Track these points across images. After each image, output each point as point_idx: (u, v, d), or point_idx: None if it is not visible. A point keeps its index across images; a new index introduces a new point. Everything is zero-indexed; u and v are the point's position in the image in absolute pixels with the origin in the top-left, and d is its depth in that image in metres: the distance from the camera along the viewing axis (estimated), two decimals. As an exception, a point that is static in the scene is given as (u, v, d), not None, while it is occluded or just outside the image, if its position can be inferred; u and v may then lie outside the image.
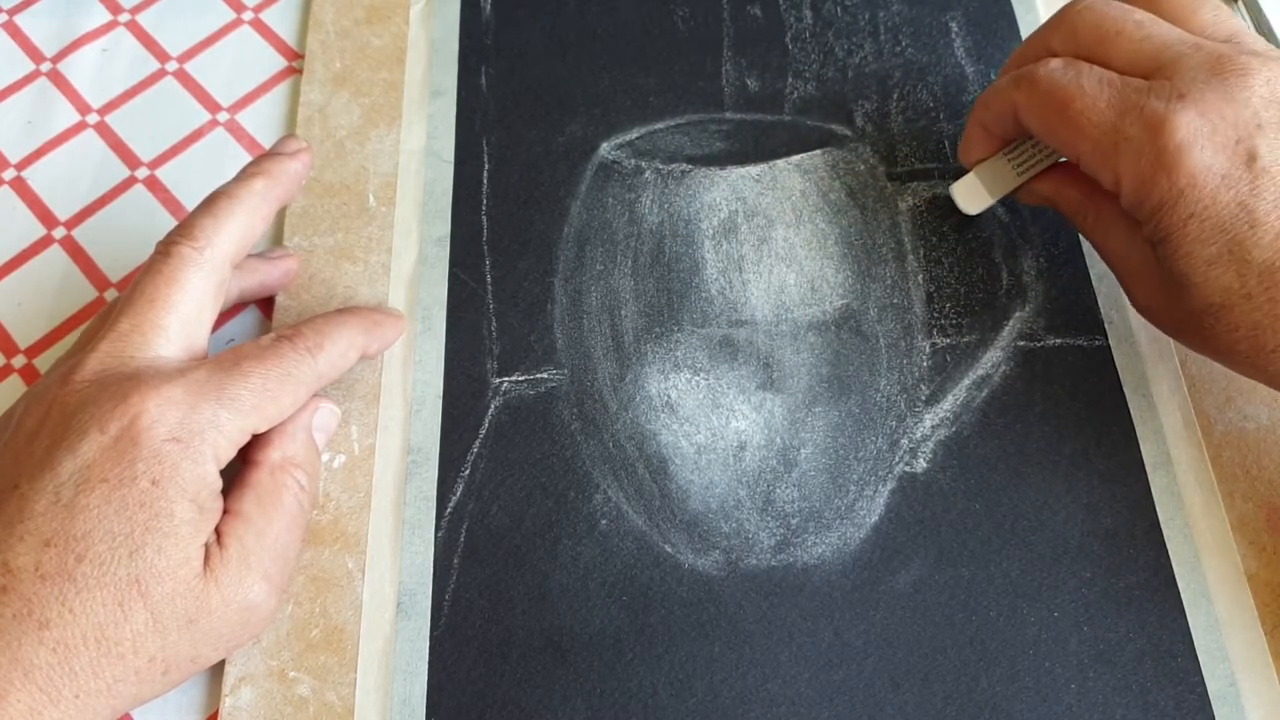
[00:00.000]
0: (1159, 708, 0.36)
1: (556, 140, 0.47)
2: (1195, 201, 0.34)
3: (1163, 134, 0.34)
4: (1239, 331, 0.34)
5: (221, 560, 0.33)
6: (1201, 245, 0.34)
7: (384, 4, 0.51)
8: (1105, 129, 0.35)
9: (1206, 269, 0.34)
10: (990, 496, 0.39)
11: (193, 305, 0.36)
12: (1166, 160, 0.34)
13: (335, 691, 0.37)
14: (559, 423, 0.41)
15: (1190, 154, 0.33)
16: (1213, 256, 0.34)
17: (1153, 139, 0.34)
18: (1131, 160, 0.35)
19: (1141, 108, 0.34)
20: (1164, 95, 0.34)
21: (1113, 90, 0.35)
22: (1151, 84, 0.35)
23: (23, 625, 0.30)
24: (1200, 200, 0.34)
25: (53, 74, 0.50)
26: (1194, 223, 0.34)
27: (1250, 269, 0.33)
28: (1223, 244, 0.34)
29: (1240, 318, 0.34)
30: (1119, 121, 0.35)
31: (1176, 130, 0.34)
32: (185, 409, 0.33)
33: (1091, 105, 0.35)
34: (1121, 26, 0.36)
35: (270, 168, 0.39)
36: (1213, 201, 0.33)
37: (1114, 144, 0.35)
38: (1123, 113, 0.35)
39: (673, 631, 0.37)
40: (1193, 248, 0.34)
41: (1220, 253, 0.34)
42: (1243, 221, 0.33)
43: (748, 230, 0.44)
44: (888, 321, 0.42)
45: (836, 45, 0.49)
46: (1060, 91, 0.36)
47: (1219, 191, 0.33)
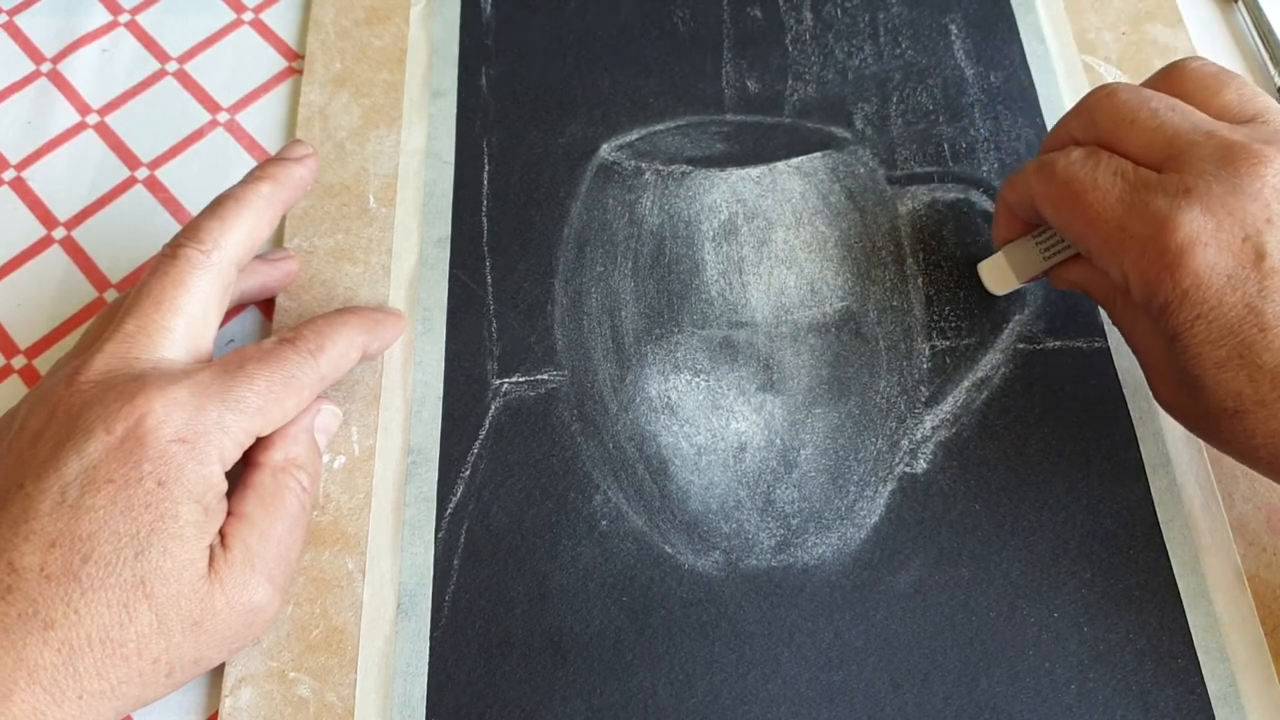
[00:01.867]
0: (1159, 708, 0.36)
1: (557, 141, 0.47)
2: (1200, 303, 0.32)
3: (1165, 233, 0.32)
4: (1257, 438, 0.33)
5: (225, 562, 0.33)
6: (1210, 347, 0.32)
7: (384, 4, 0.51)
8: (1114, 225, 0.34)
9: (1217, 372, 0.33)
10: (990, 497, 0.39)
11: (198, 308, 0.36)
12: (1169, 260, 0.32)
13: (335, 692, 0.37)
14: (559, 424, 0.41)
15: (1193, 254, 0.32)
16: (1222, 359, 0.32)
17: (1156, 237, 0.33)
18: (1137, 259, 0.33)
19: (1147, 204, 0.33)
20: (1170, 191, 0.33)
21: (1124, 184, 0.34)
22: (1160, 178, 0.33)
23: (28, 625, 0.30)
24: (1205, 301, 0.32)
25: (53, 74, 0.50)
26: (1201, 324, 0.32)
27: (1262, 374, 0.32)
28: (1231, 347, 0.32)
29: (1256, 424, 0.33)
30: (1126, 218, 0.34)
31: (1179, 229, 0.32)
32: (191, 410, 0.33)
33: (1102, 200, 0.34)
34: (1136, 115, 0.35)
35: (276, 172, 0.39)
36: (1219, 303, 0.32)
37: (1121, 242, 0.34)
38: (1130, 209, 0.34)
39: (673, 632, 0.38)
40: (1201, 349, 0.33)
41: (1230, 356, 0.32)
42: (1251, 324, 0.32)
43: (748, 232, 0.44)
44: (887, 324, 0.43)
45: (836, 47, 0.49)
46: (1074, 184, 0.35)
47: (1225, 292, 0.32)
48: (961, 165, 0.46)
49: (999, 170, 0.46)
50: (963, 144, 0.46)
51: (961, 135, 0.47)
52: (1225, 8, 0.51)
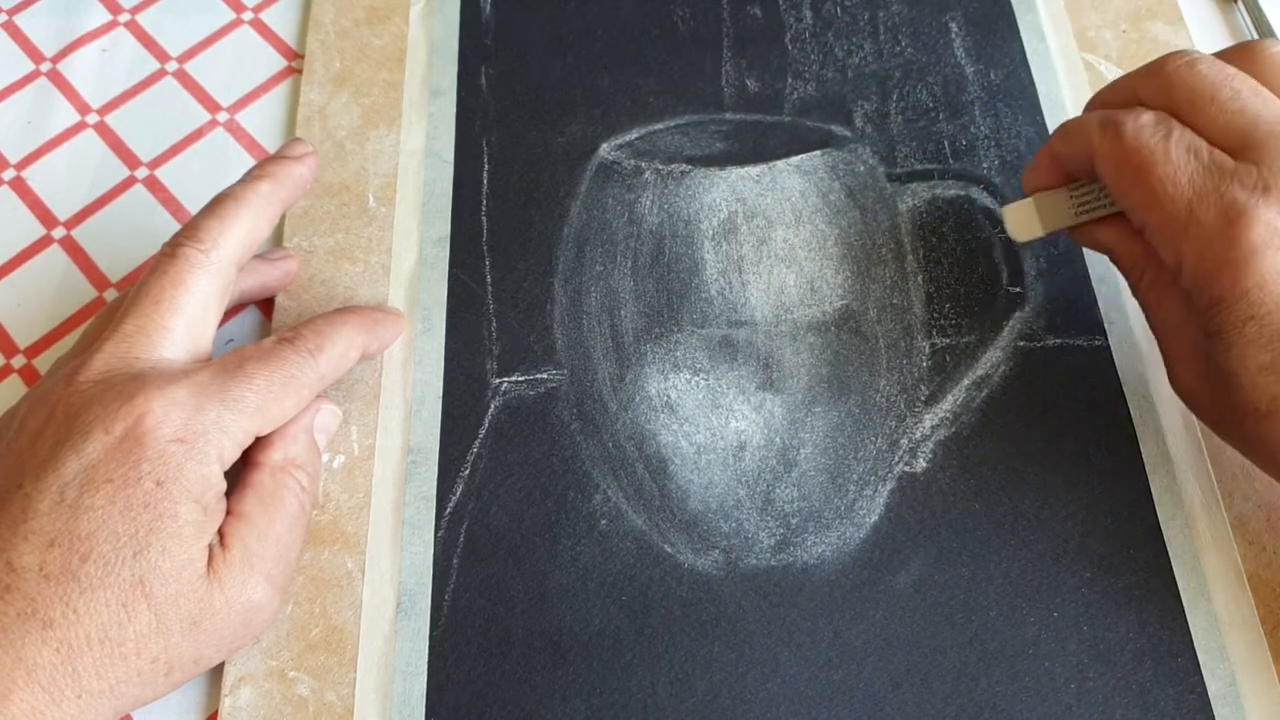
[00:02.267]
0: (1159, 708, 0.36)
1: (556, 140, 0.47)
2: (1258, 305, 0.32)
3: (1237, 228, 0.32)
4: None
5: (224, 561, 0.33)
6: (1256, 350, 0.32)
7: (384, 4, 0.51)
8: (1180, 205, 0.33)
9: (1257, 374, 0.32)
10: (990, 496, 0.39)
11: (198, 307, 0.36)
12: (1236, 257, 0.32)
13: (335, 691, 0.37)
14: (559, 423, 0.41)
15: (1263, 256, 0.32)
16: (1266, 364, 0.32)
17: (1226, 231, 0.32)
18: (1199, 247, 0.33)
19: (1222, 193, 0.32)
20: (1248, 184, 0.32)
21: (1197, 164, 0.33)
22: (1238, 166, 0.33)
23: (26, 625, 0.30)
24: (1264, 305, 0.32)
25: (53, 74, 0.50)
26: (1253, 326, 0.32)
27: None
28: (1278, 353, 0.32)
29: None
30: (1195, 202, 0.33)
31: (1253, 227, 0.32)
32: (190, 410, 0.33)
33: (1172, 176, 0.33)
34: (1216, 92, 0.34)
35: (276, 171, 0.39)
36: (1277, 308, 0.32)
37: (1184, 225, 0.33)
38: (1202, 193, 0.33)
39: (673, 631, 0.37)
40: (1246, 350, 0.32)
41: (1275, 360, 0.32)
42: None
43: (747, 231, 0.44)
44: (887, 322, 0.43)
45: (836, 46, 0.49)
46: (1144, 152, 0.34)
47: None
48: (962, 163, 0.46)
49: (999, 168, 0.46)
50: (963, 141, 0.46)
51: (962, 133, 0.47)
52: (1225, 7, 0.51)
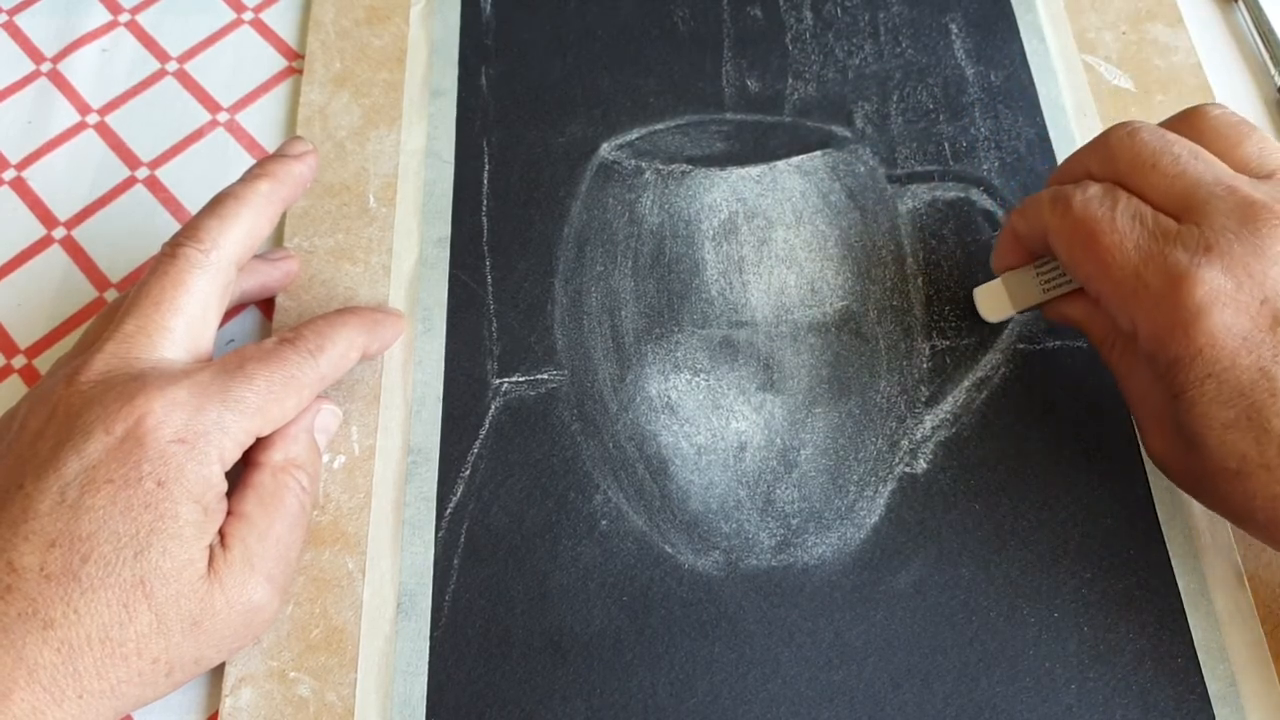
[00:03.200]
0: (1159, 708, 0.36)
1: (556, 140, 0.47)
2: (1213, 362, 0.32)
3: (1182, 289, 0.32)
4: (1256, 500, 0.32)
5: (225, 562, 0.33)
6: (1219, 407, 0.32)
7: (384, 4, 0.51)
8: (1128, 272, 0.33)
9: (1223, 432, 0.32)
10: (990, 497, 0.39)
11: (198, 307, 0.36)
12: (1184, 318, 0.32)
13: (335, 692, 0.37)
14: (559, 423, 0.41)
15: (1210, 314, 0.32)
16: (1230, 420, 0.32)
17: (1172, 292, 0.32)
18: (1149, 310, 0.33)
19: (1165, 256, 0.33)
20: (1190, 245, 0.32)
21: (1143, 230, 0.34)
22: (1180, 229, 0.33)
23: (27, 625, 0.30)
24: (1219, 362, 0.32)
25: (53, 74, 0.50)
26: (1211, 383, 0.32)
27: (1270, 438, 0.31)
28: (1241, 409, 0.32)
29: (1258, 487, 0.32)
30: (1142, 266, 0.33)
31: (1197, 287, 0.32)
32: (191, 410, 0.33)
33: (1119, 244, 0.34)
34: (1158, 160, 0.34)
35: (275, 170, 0.39)
36: (1232, 364, 0.32)
37: (1134, 290, 0.33)
38: (1147, 259, 0.33)
39: (673, 631, 0.38)
40: (1208, 408, 0.32)
41: (1238, 417, 0.32)
42: (1263, 389, 0.31)
43: (748, 231, 0.44)
44: (888, 323, 0.43)
45: (836, 46, 0.49)
46: (1090, 223, 0.35)
47: (1239, 354, 0.32)
48: (962, 164, 0.46)
49: (999, 169, 0.46)
50: (963, 143, 0.46)
51: (962, 134, 0.47)
52: (1225, 7, 0.51)
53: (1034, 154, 0.46)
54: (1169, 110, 0.47)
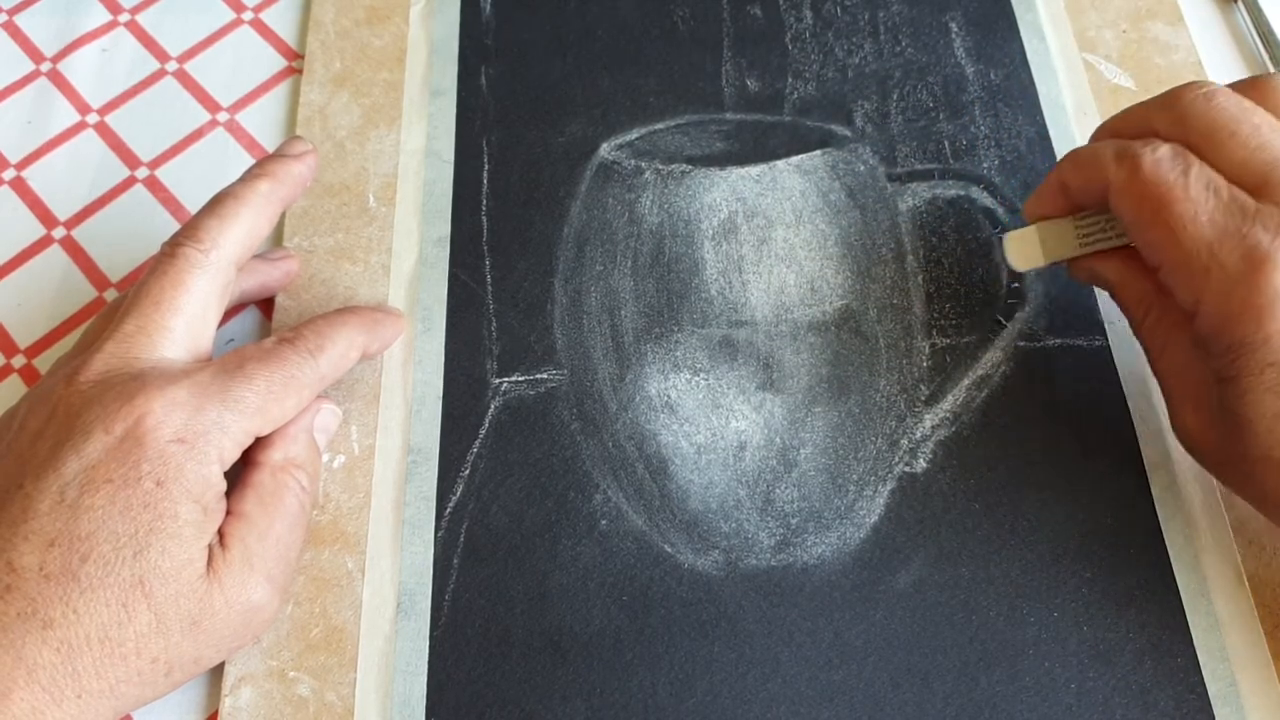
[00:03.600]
0: (1159, 708, 0.36)
1: (556, 140, 0.47)
2: (1279, 351, 0.31)
3: (1262, 274, 0.31)
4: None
5: (224, 561, 0.33)
6: (1274, 397, 0.31)
7: (384, 4, 0.51)
8: (1200, 245, 0.32)
9: (1273, 421, 0.32)
10: (990, 496, 0.39)
11: (198, 307, 0.36)
12: (1259, 302, 0.31)
13: (335, 691, 0.37)
14: (559, 423, 0.41)
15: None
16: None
17: (1249, 275, 0.31)
18: (1220, 290, 0.32)
19: (1244, 235, 0.32)
20: (1271, 227, 0.31)
21: (1218, 203, 0.32)
22: (1260, 208, 0.32)
23: (26, 625, 0.30)
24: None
25: (53, 74, 0.50)
26: (1272, 372, 0.31)
27: None
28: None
29: None
30: (1216, 243, 0.32)
31: (1276, 272, 0.31)
32: (190, 410, 0.33)
33: (1192, 215, 0.32)
34: (1237, 128, 0.33)
35: (275, 169, 0.39)
36: None
37: (1205, 266, 0.32)
38: (1223, 234, 0.32)
39: (673, 631, 0.37)
40: (1263, 397, 0.32)
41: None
42: None
43: (748, 231, 0.44)
44: (887, 322, 0.43)
45: (836, 45, 0.49)
46: (1162, 188, 0.33)
47: None
48: (962, 162, 0.46)
49: (999, 167, 0.46)
50: (963, 141, 0.46)
51: (962, 133, 0.47)
52: (1225, 7, 0.51)
53: (1034, 152, 0.46)
54: (1169, 109, 0.47)
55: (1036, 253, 0.39)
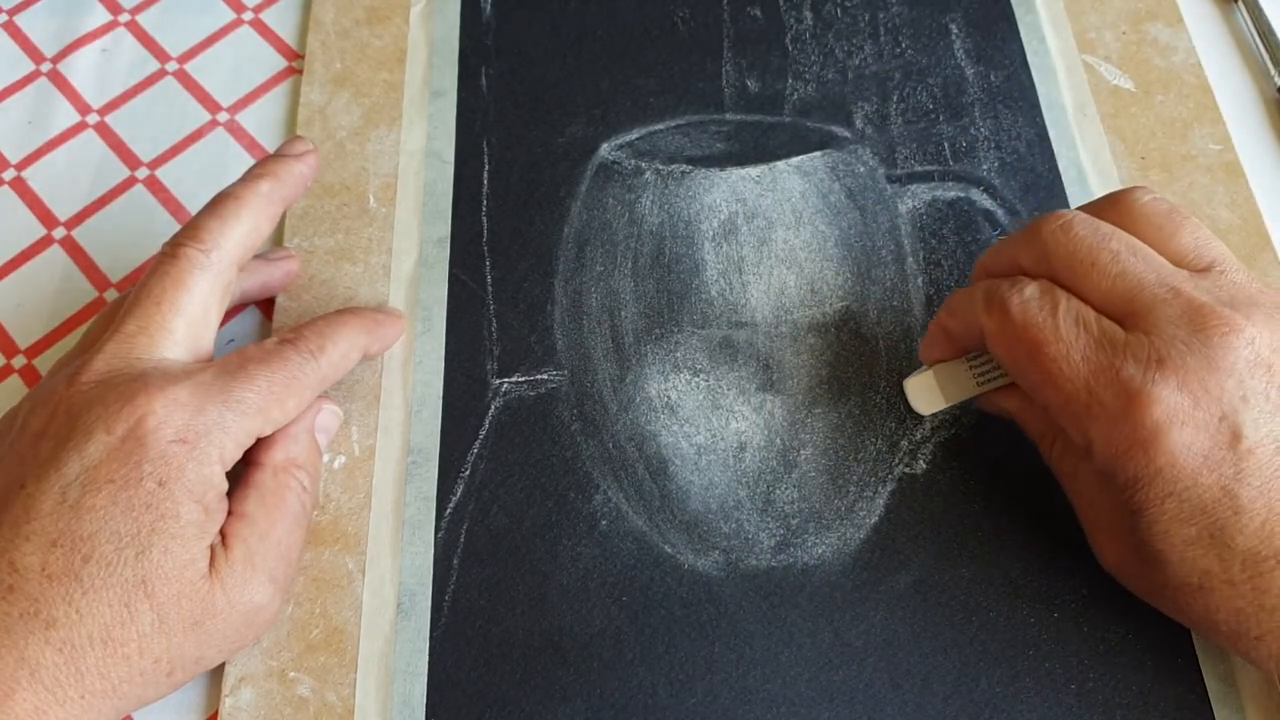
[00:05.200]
0: (1159, 708, 0.36)
1: (556, 141, 0.47)
2: (1174, 482, 0.31)
3: (1139, 408, 0.31)
4: (1219, 614, 0.32)
5: (226, 561, 0.33)
6: (1180, 525, 0.31)
7: (384, 4, 0.51)
8: (1079, 385, 0.32)
9: (1184, 548, 0.32)
10: (990, 497, 0.39)
11: (199, 307, 0.36)
12: (1142, 437, 0.31)
13: (335, 692, 0.37)
14: (559, 424, 0.41)
15: (1169, 434, 0.31)
16: (1192, 538, 0.31)
17: (1128, 411, 0.31)
18: (1105, 428, 0.32)
19: (1117, 371, 0.31)
20: (1141, 358, 0.31)
21: (1088, 339, 0.32)
22: (1128, 339, 0.32)
23: (29, 625, 0.30)
24: (1179, 481, 0.31)
25: (53, 74, 0.50)
26: (1172, 502, 0.31)
27: (1233, 555, 0.31)
28: (1203, 526, 0.31)
29: (1221, 601, 0.32)
30: (1092, 381, 0.32)
31: (1154, 405, 0.31)
32: (192, 411, 0.33)
33: (1065, 355, 0.32)
34: (1096, 257, 0.33)
35: (276, 169, 0.39)
36: (1193, 483, 0.31)
37: (1086, 405, 0.32)
38: (1097, 371, 0.32)
39: (673, 631, 0.38)
40: (1169, 526, 0.31)
41: (1200, 534, 0.31)
42: (1226, 506, 0.31)
43: (748, 232, 0.44)
44: (888, 323, 0.43)
45: (836, 47, 0.49)
46: (1033, 330, 0.33)
47: (1200, 473, 0.31)
48: (962, 164, 0.46)
49: (999, 169, 0.46)
50: (963, 143, 0.46)
51: (962, 134, 0.47)
52: (1225, 7, 0.51)
53: (1034, 154, 0.46)
54: (1170, 109, 0.47)
55: (936, 396, 0.39)
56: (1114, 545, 0.35)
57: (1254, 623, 0.32)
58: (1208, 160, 0.46)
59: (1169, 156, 0.46)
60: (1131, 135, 0.47)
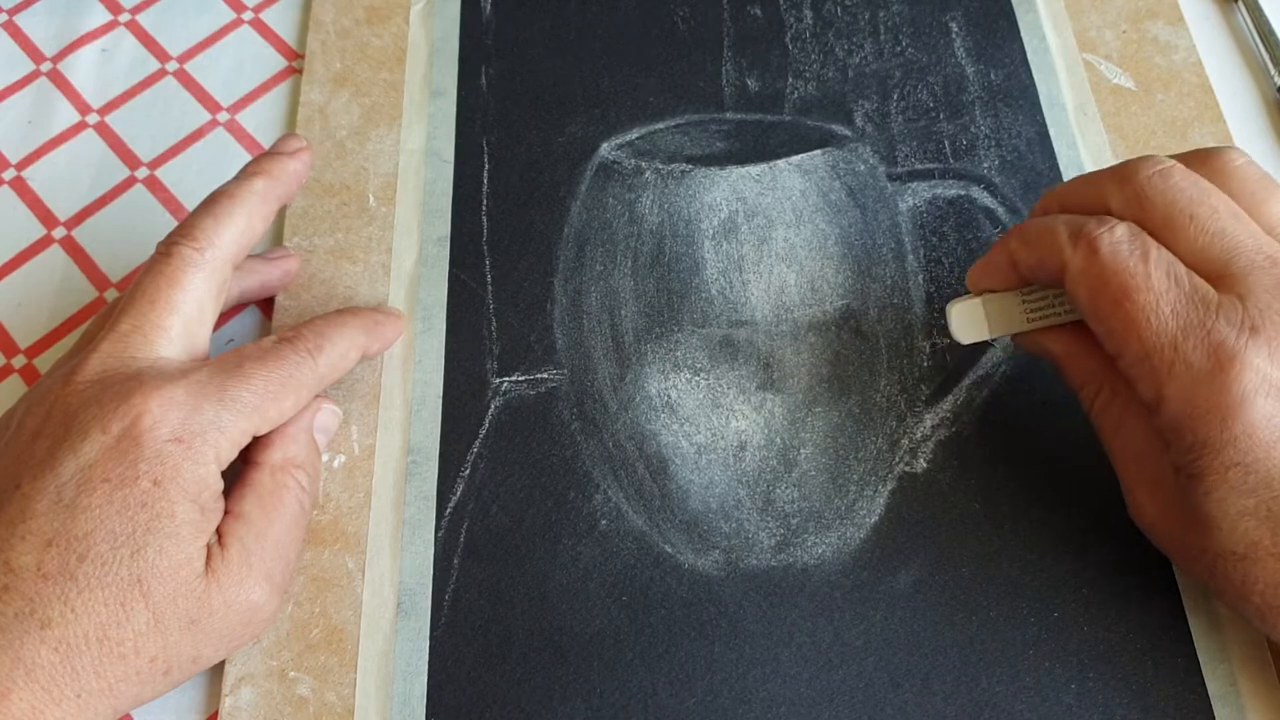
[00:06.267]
0: (1159, 708, 0.36)
1: (556, 140, 0.47)
2: (1246, 452, 0.30)
3: (1228, 373, 0.30)
4: (1256, 585, 0.32)
5: (223, 561, 0.33)
6: (1239, 495, 0.31)
7: (384, 4, 0.51)
8: (1163, 339, 0.31)
9: (1238, 518, 0.31)
10: (990, 496, 0.39)
11: (194, 306, 0.36)
12: (1226, 402, 0.30)
13: (335, 691, 0.37)
14: (559, 423, 0.41)
15: (1254, 402, 0.30)
16: (1248, 509, 0.31)
17: (1215, 374, 0.30)
18: (1185, 387, 0.31)
19: (1209, 331, 0.31)
20: (1234, 321, 0.30)
21: (1179, 292, 0.31)
22: (1221, 300, 0.31)
23: (25, 624, 0.30)
24: (1252, 451, 0.30)
25: (53, 74, 0.50)
26: (1237, 471, 0.30)
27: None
28: (1263, 499, 0.31)
29: (1261, 573, 0.31)
30: (1180, 337, 0.31)
31: (1245, 372, 0.30)
32: (187, 410, 0.33)
33: (1154, 305, 0.31)
34: (1195, 210, 0.32)
35: (270, 167, 0.39)
36: (1265, 456, 0.30)
37: (1169, 361, 0.31)
38: (1187, 328, 0.31)
39: (673, 631, 0.37)
40: (1228, 494, 0.31)
41: (1258, 506, 0.31)
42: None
43: (748, 230, 0.44)
44: (888, 321, 0.43)
45: (836, 45, 0.49)
46: (1123, 276, 0.32)
47: (1274, 447, 0.30)
48: (962, 162, 0.46)
49: (999, 167, 0.46)
50: (963, 141, 0.46)
51: (962, 132, 0.47)
52: (1225, 7, 0.51)
53: (1034, 152, 0.46)
54: (1170, 108, 0.47)
55: (982, 327, 0.38)
56: (1155, 503, 0.34)
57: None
58: (1209, 159, 0.46)
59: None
60: (1132, 134, 0.46)
